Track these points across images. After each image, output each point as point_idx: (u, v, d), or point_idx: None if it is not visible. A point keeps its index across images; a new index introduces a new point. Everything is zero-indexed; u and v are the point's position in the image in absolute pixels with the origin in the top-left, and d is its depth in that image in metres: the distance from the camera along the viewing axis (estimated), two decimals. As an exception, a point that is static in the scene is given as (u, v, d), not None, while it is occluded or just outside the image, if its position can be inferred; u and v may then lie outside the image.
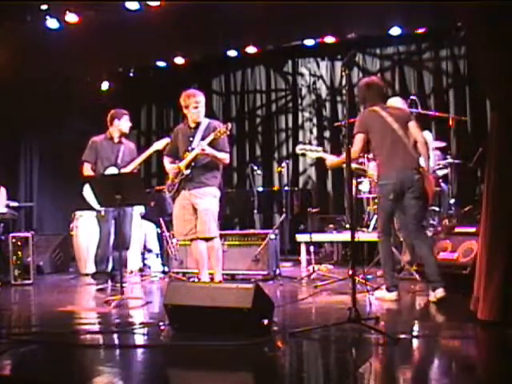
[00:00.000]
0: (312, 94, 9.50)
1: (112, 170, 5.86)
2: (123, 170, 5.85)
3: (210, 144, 5.16)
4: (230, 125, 5.20)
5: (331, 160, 5.04)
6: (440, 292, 4.44)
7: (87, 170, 5.94)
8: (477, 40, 3.80)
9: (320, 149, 5.21)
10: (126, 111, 6.13)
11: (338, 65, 9.18)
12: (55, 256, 7.95)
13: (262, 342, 3.37)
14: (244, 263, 6.33)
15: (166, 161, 5.53)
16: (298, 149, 5.24)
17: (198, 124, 5.36)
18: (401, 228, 5.08)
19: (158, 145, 5.90)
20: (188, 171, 5.23)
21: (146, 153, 5.99)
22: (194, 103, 5.31)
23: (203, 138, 5.25)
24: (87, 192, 5.99)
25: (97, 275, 5.99)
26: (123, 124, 6.04)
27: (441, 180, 7.33)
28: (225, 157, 5.31)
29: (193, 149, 5.24)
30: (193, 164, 5.23)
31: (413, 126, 4.77)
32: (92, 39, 7.66)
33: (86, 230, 7.47)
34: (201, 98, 5.35)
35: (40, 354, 3.43)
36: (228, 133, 5.16)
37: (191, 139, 5.32)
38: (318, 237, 7.58)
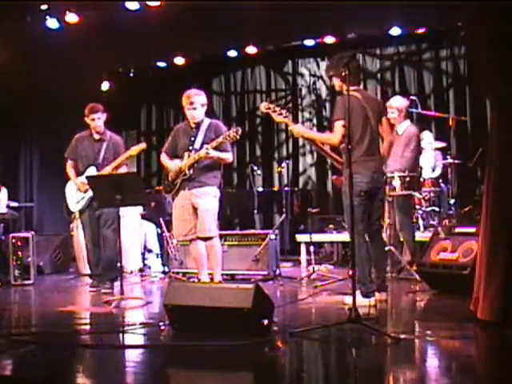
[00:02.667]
0: (312, 94, 9.50)
1: (91, 171, 5.68)
2: (103, 171, 5.64)
3: (215, 146, 5.15)
4: (240, 129, 5.11)
5: (298, 128, 4.64)
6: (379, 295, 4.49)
7: (68, 167, 5.85)
8: (477, 40, 3.80)
9: (287, 114, 4.56)
10: (93, 106, 5.80)
11: (338, 65, 9.17)
12: (55, 256, 7.94)
13: (261, 342, 3.37)
14: (244, 263, 6.32)
15: (164, 157, 5.50)
16: (263, 106, 4.66)
17: (198, 123, 5.36)
18: (364, 230, 4.57)
19: (133, 151, 5.71)
20: (190, 171, 5.22)
21: (121, 157, 5.68)
22: (188, 104, 5.28)
23: (205, 139, 5.24)
24: (67, 191, 5.90)
25: (92, 277, 5.90)
26: (89, 122, 5.79)
27: (440, 180, 7.34)
28: (228, 156, 5.29)
29: (195, 149, 5.24)
30: (195, 164, 5.23)
31: (385, 122, 4.66)
32: (92, 39, 7.66)
33: (86, 230, 7.46)
34: (196, 98, 5.28)
35: (40, 354, 3.43)
36: (238, 138, 5.11)
37: (192, 138, 5.31)
38: (318, 237, 7.58)
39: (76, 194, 5.78)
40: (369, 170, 4.45)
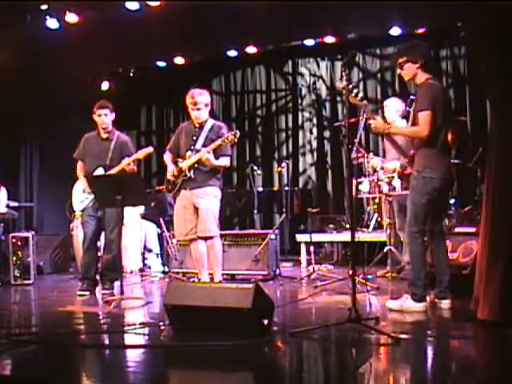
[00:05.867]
0: (312, 93, 9.49)
1: (99, 171, 5.61)
2: (110, 172, 5.54)
3: (214, 149, 5.15)
4: (238, 132, 5.13)
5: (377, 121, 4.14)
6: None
7: (78, 169, 5.81)
8: (477, 40, 3.80)
9: (363, 97, 4.09)
10: (102, 102, 5.74)
11: (338, 65, 9.18)
12: (55, 256, 7.95)
13: (261, 342, 3.37)
14: (244, 263, 6.33)
15: (168, 156, 5.50)
16: (340, 86, 3.97)
17: (202, 124, 5.36)
18: (424, 230, 4.28)
19: (140, 154, 5.61)
20: (191, 173, 5.22)
21: (127, 160, 5.57)
22: (191, 104, 5.30)
23: (207, 140, 5.24)
24: (74, 190, 5.88)
25: (82, 280, 5.72)
26: (97, 119, 5.70)
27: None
28: (226, 163, 5.30)
29: (196, 149, 5.24)
30: (195, 166, 5.24)
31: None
32: (92, 39, 7.66)
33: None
34: (200, 98, 5.30)
35: (40, 354, 3.43)
36: (236, 141, 5.12)
37: (194, 138, 5.32)
38: (317, 237, 7.58)
39: (81, 194, 5.74)
40: (444, 166, 4.15)
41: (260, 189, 8.49)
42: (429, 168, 4.11)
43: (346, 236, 7.28)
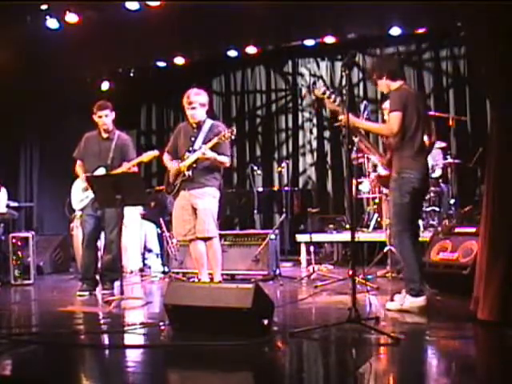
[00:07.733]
0: (312, 94, 9.49)
1: (100, 171, 5.59)
2: (113, 172, 5.52)
3: (212, 147, 5.15)
4: (234, 129, 5.15)
5: (349, 117, 3.99)
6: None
7: (77, 168, 5.80)
8: (477, 40, 3.80)
9: (340, 102, 4.27)
10: (102, 103, 5.72)
11: (338, 65, 9.18)
12: (55, 256, 7.95)
13: (261, 342, 3.37)
14: (244, 263, 6.32)
15: (167, 157, 5.50)
16: (318, 90, 4.39)
17: (200, 124, 5.36)
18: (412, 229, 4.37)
19: (144, 157, 5.64)
20: (189, 172, 5.22)
21: (131, 162, 5.60)
22: (187, 104, 5.29)
23: (205, 140, 5.24)
24: (74, 188, 5.87)
25: (82, 281, 5.72)
26: (97, 120, 5.68)
27: (440, 180, 7.34)
28: (226, 160, 5.29)
29: (194, 150, 5.24)
30: (194, 165, 5.23)
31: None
32: (92, 39, 7.66)
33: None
34: (195, 98, 5.29)
35: (40, 354, 3.43)
36: (233, 137, 5.13)
37: (193, 139, 5.31)
38: (317, 237, 7.58)
39: (81, 193, 5.73)
40: (422, 166, 4.30)
41: (260, 189, 8.49)
42: (408, 169, 4.25)
43: (346, 236, 7.28)
